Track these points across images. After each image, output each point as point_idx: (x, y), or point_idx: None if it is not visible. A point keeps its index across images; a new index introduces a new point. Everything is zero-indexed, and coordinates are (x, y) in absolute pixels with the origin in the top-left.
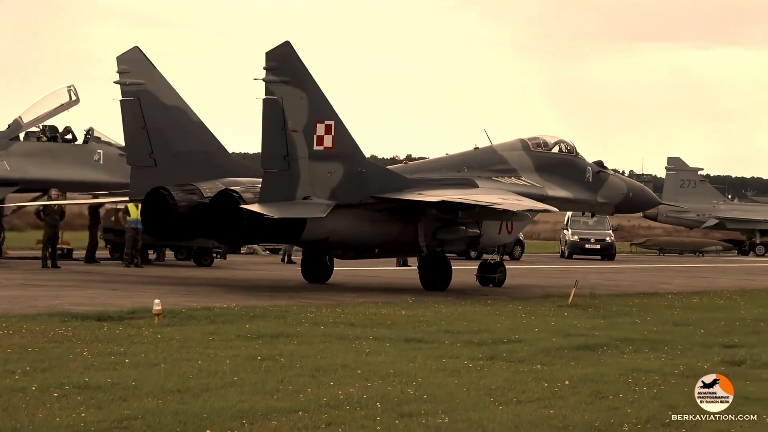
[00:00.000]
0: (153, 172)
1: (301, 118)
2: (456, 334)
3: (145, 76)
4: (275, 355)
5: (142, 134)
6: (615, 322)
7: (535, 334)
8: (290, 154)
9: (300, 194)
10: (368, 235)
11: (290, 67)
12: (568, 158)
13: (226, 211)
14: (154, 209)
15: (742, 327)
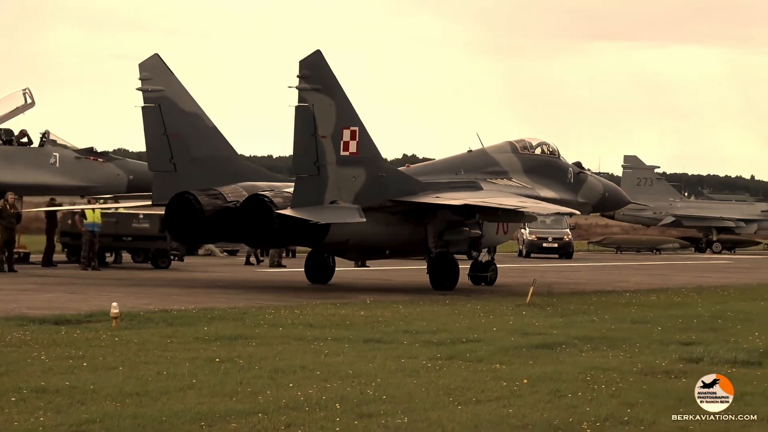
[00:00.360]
0: (173, 177)
1: (330, 125)
2: (415, 334)
3: (165, 83)
4: (234, 357)
5: (163, 140)
6: (573, 321)
7: (494, 333)
8: (319, 159)
9: (328, 198)
10: (383, 238)
11: (321, 75)
12: (552, 160)
13: (257, 215)
14: (179, 214)
15: (699, 324)
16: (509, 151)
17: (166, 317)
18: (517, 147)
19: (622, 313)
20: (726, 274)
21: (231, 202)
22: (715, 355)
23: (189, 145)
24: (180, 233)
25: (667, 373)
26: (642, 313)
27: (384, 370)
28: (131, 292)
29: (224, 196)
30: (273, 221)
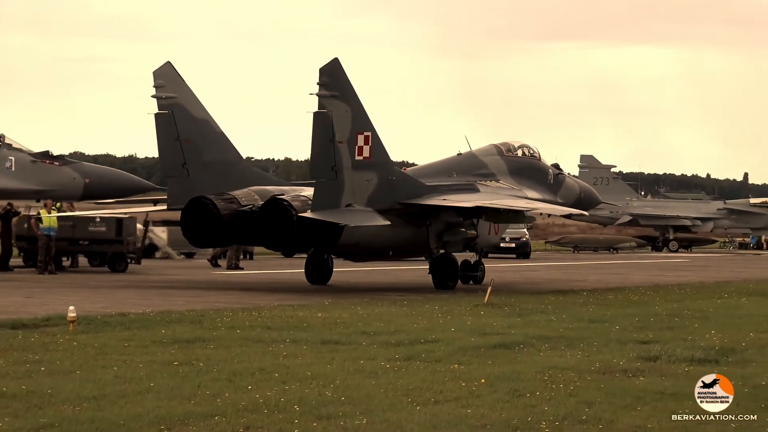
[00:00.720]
0: (186, 182)
1: (346, 130)
2: (373, 335)
3: (177, 90)
4: (192, 360)
5: (176, 146)
6: (531, 320)
7: (452, 333)
8: (337, 164)
9: (344, 202)
10: (389, 239)
11: (338, 82)
12: (534, 161)
13: (277, 218)
14: (196, 218)
15: (656, 322)
16: (495, 154)
17: (123, 321)
18: (502, 150)
19: (579, 312)
20: (683, 272)
21: (246, 206)
22: (673, 353)
23: (200, 151)
24: (197, 237)
25: (625, 372)
26: (599, 312)
27: (342, 372)
28: (88, 296)
29: (239, 200)
30: (293, 224)
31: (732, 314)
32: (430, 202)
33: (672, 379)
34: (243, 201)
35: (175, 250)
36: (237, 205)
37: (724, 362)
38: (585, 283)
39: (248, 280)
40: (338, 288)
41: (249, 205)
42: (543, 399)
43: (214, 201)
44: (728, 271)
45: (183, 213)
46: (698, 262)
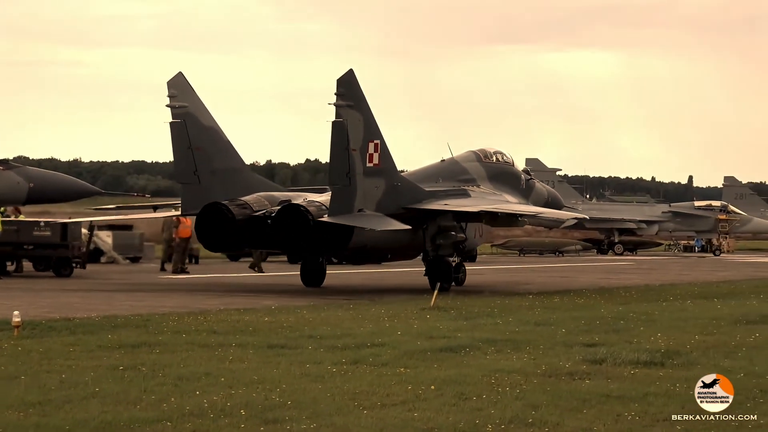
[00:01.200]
0: (198, 189)
1: (359, 138)
2: (319, 339)
3: (188, 99)
4: (137, 364)
5: (188, 154)
6: (477, 324)
7: (398, 337)
8: (350, 170)
9: (356, 207)
10: (391, 242)
11: (353, 92)
12: (508, 167)
13: (294, 223)
14: (211, 223)
15: (602, 325)
16: (474, 160)
17: (68, 325)
18: (480, 156)
19: (525, 315)
20: (628, 275)
21: (258, 211)
22: (618, 356)
23: (210, 158)
24: (212, 242)
25: (571, 375)
26: (545, 315)
27: (289, 376)
28: (33, 301)
29: (251, 206)
30: (310, 229)
31: (677, 317)
32: (433, 206)
33: (618, 382)
34: (255, 206)
35: (121, 255)
36: (250, 211)
37: (669, 365)
38: (531, 287)
39: (194, 284)
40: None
41: (261, 210)
42: (489, 402)
43: (228, 207)
44: (673, 274)
45: (198, 218)
46: (643, 265)
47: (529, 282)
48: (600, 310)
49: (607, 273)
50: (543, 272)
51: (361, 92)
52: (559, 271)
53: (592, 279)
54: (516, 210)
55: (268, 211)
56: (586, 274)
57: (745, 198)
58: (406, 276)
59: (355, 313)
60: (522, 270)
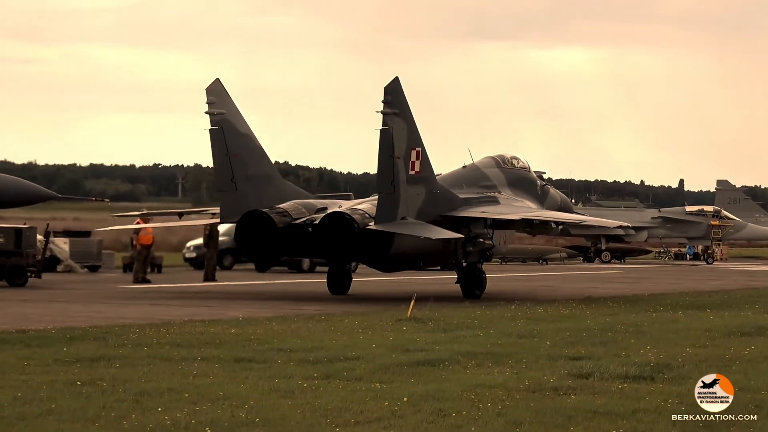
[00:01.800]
0: (236, 196)
1: (402, 146)
2: (289, 352)
3: (226, 106)
4: (96, 379)
5: (226, 161)
6: (456, 336)
7: (373, 350)
8: (395, 178)
9: (399, 215)
10: (426, 250)
11: (399, 99)
12: (525, 173)
13: (340, 231)
14: (251, 231)
15: (588, 337)
16: (494, 166)
17: (22, 338)
18: (499, 162)
19: (508, 327)
20: (615, 284)
21: (298, 218)
22: (606, 370)
23: (245, 165)
24: (252, 250)
25: (556, 390)
26: (529, 326)
27: (257, 391)
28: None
29: (290, 214)
30: (356, 237)
31: (668, 328)
32: (470, 214)
33: (605, 397)
34: (293, 214)
35: (78, 263)
36: (289, 218)
37: (660, 379)
38: (513, 296)
39: (156, 294)
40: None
41: (300, 218)
42: (469, 419)
43: (269, 214)
44: (664, 283)
45: (237, 226)
46: (632, 273)
47: (511, 291)
48: (586, 321)
49: (594, 282)
50: (526, 281)
51: (405, 100)
52: (543, 279)
53: (577, 288)
54: (563, 219)
55: (309, 219)
56: (571, 283)
57: (739, 203)
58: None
59: (327, 324)
60: (504, 279)
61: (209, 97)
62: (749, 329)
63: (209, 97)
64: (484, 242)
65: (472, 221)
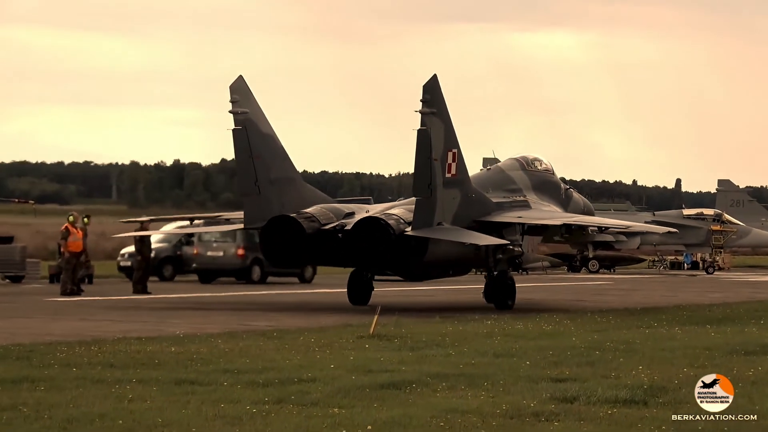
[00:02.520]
0: (259, 200)
1: (440, 147)
2: (236, 373)
3: (249, 105)
4: (18, 404)
5: (249, 163)
6: (425, 355)
7: (331, 371)
8: (432, 181)
9: (436, 220)
10: (458, 257)
11: (437, 98)
12: (549, 176)
13: (375, 237)
14: (277, 237)
15: (573, 357)
16: (518, 169)
17: None
18: (523, 164)
19: (483, 345)
20: (604, 296)
21: (327, 224)
22: (593, 393)
23: (269, 167)
24: (279, 257)
25: (537, 416)
26: (507, 344)
27: (200, 417)
28: None
29: (318, 219)
30: (392, 243)
31: (663, 347)
32: (506, 219)
33: (592, 424)
34: (322, 219)
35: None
36: (318, 224)
37: (653, 403)
38: (489, 310)
39: (87, 308)
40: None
41: (329, 223)
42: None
43: (297, 219)
44: (658, 295)
45: (263, 232)
46: (623, 284)
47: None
48: (571, 338)
49: (580, 294)
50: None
51: (443, 99)
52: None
53: (562, 301)
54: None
55: (339, 224)
56: (555, 295)
57: (743, 205)
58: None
59: (280, 342)
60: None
61: (233, 96)
62: (754, 347)
63: (233, 95)
64: (513, 249)
65: (505, 226)
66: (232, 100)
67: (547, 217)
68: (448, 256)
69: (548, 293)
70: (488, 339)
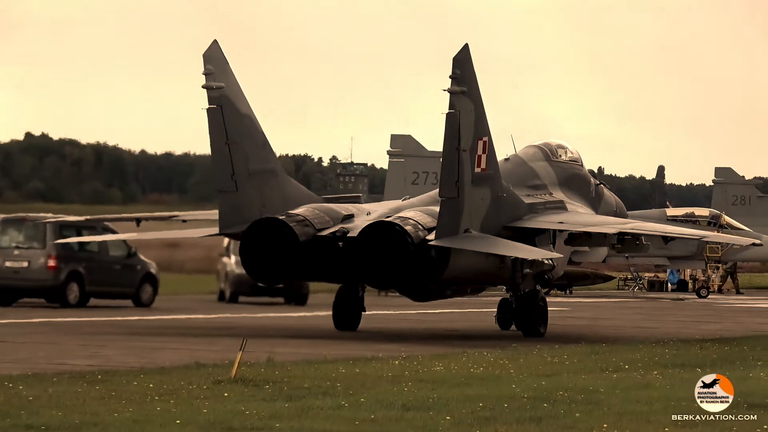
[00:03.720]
0: (236, 199)
1: (469, 136)
2: (43, 430)
3: (225, 78)
4: None
5: (225, 151)
6: (308, 407)
7: (176, 429)
8: (459, 178)
9: (463, 226)
10: (479, 272)
11: (468, 74)
12: (579, 169)
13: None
14: (262, 245)
15: (513, 411)
16: (542, 159)
17: None
18: (548, 153)
19: (388, 393)
20: (557, 328)
21: (323, 229)
22: None
23: (247, 157)
24: (265, 271)
25: None
26: (420, 392)
27: None
28: None
29: (312, 223)
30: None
31: (636, 398)
32: (544, 225)
33: None
34: (317, 223)
35: None
36: (313, 229)
37: None
38: (398, 345)
39: None
40: (158, 334)
41: (325, 227)
42: None
43: (287, 223)
44: (631, 326)
45: (243, 239)
46: (582, 311)
47: (394, 337)
48: (510, 384)
49: None
50: (417, 321)
51: (474, 75)
52: (443, 319)
53: (496, 331)
54: (675, 233)
55: (340, 230)
56: (487, 323)
57: (750, 202)
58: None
59: (105, 387)
60: (385, 317)
61: (206, 66)
62: (761, 399)
63: (206, 65)
64: (543, 262)
65: (538, 234)
66: (206, 71)
67: (595, 223)
68: (469, 272)
69: (474, 322)
70: (395, 385)
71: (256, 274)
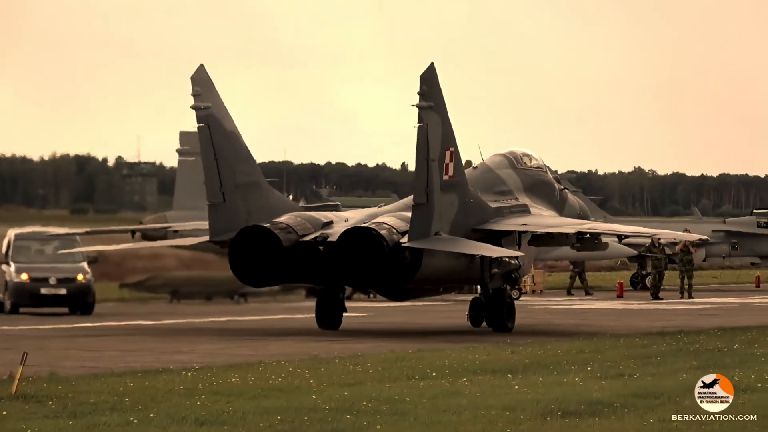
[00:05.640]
0: (224, 210)
1: (437, 146)
2: None
3: (211, 98)
4: None
5: (213, 166)
6: (94, 424)
7: None
8: (429, 185)
9: (433, 229)
10: (451, 272)
11: (434, 90)
12: (543, 176)
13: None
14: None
15: (313, 423)
16: (508, 167)
17: None
18: (513, 161)
19: (180, 407)
20: (359, 335)
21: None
22: None
23: (233, 171)
24: (251, 274)
25: None
26: (215, 405)
27: None
28: None
29: (295, 229)
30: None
31: (444, 407)
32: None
33: None
34: (299, 230)
35: None
36: (296, 235)
37: None
38: (185, 356)
39: None
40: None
41: (307, 234)
42: None
43: (272, 230)
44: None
45: (232, 246)
46: (387, 316)
47: (186, 349)
48: (310, 395)
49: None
50: (214, 338)
51: (440, 91)
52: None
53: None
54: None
55: (321, 236)
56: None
57: None
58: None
59: None
60: (174, 329)
61: (194, 88)
62: (576, 406)
63: (194, 87)
64: (510, 262)
65: (504, 236)
66: (194, 93)
67: (555, 224)
68: (440, 272)
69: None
70: (188, 398)
71: (244, 278)
